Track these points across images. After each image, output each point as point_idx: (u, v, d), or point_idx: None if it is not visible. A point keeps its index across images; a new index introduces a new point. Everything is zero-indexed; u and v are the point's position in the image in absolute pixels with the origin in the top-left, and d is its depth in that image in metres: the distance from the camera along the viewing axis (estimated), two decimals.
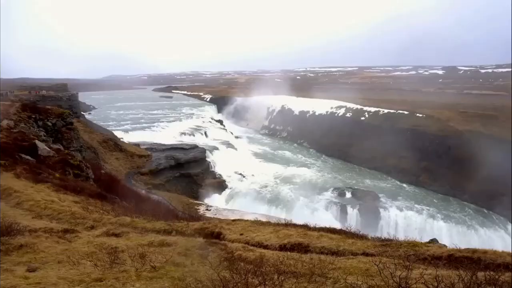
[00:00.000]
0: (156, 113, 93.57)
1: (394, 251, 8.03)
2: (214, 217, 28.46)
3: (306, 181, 52.02)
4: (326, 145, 73.75)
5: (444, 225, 41.28)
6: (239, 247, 8.26)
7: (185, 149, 52.36)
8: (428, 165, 55.39)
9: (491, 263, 7.32)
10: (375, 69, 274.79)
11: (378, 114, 71.83)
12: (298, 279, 5.70)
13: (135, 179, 40.27)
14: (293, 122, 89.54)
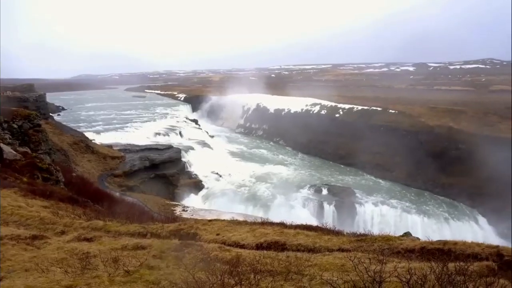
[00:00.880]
0: (129, 113, 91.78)
1: (369, 246, 8.18)
2: (191, 217, 28.17)
3: (283, 179, 52.34)
4: (302, 143, 74.44)
5: (418, 218, 42.43)
6: (215, 247, 8.19)
7: (159, 149, 51.61)
8: (401, 161, 56.79)
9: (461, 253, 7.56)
10: (348, 66, 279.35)
11: (352, 111, 73.08)
12: (274, 278, 5.70)
13: (109, 182, 39.35)
14: (268, 120, 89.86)
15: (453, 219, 42.93)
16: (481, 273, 5.52)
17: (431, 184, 51.35)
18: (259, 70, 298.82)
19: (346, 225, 37.27)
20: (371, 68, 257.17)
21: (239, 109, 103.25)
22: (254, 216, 27.10)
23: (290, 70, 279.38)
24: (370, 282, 4.57)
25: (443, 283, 4.38)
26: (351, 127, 67.51)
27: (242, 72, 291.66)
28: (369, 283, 4.55)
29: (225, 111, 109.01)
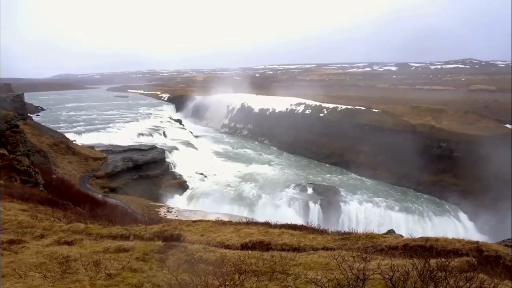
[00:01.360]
0: (111, 114, 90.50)
1: (353, 244, 8.25)
2: (175, 218, 27.96)
3: (268, 179, 52.37)
4: (287, 142, 74.69)
5: (402, 215, 43.04)
6: (199, 248, 8.12)
7: (143, 150, 51.02)
8: (385, 159, 57.52)
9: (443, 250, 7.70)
10: (332, 66, 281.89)
11: (336, 110, 73.67)
12: (259, 278, 5.67)
13: (91, 183, 38.67)
14: (253, 120, 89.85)
15: (436, 216, 43.68)
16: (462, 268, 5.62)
17: (414, 182, 52.15)
18: (243, 69, 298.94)
19: (331, 223, 37.57)
20: (354, 68, 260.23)
21: (224, 109, 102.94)
22: (240, 216, 27.03)
23: (274, 70, 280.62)
24: (354, 280, 4.59)
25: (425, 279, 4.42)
26: (335, 126, 68.08)
27: (226, 71, 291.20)
28: (353, 281, 4.57)
29: (210, 111, 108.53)
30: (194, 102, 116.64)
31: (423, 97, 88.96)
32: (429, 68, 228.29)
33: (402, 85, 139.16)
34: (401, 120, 61.68)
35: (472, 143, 51.05)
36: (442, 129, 55.88)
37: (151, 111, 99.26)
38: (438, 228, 40.31)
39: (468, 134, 52.46)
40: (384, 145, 58.96)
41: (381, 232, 10.61)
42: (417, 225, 41.36)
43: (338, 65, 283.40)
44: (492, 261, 7.54)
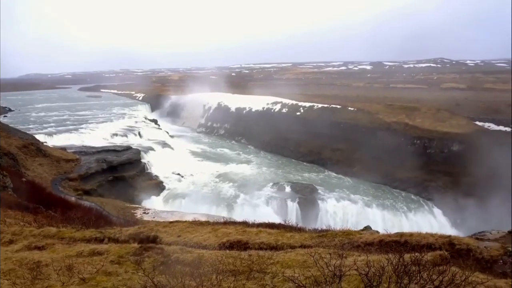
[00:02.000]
0: (83, 114, 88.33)
1: (330, 241, 8.35)
2: (152, 220, 27.60)
3: (246, 178, 52.35)
4: (264, 141, 74.90)
5: (378, 212, 43.86)
6: (176, 249, 8.03)
7: (117, 151, 49.99)
8: (361, 156, 58.53)
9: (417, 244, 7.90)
10: (308, 65, 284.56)
11: (313, 109, 74.42)
12: (236, 277, 5.66)
13: (63, 186, 37.52)
14: (230, 119, 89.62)
15: (411, 212, 44.73)
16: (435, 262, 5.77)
17: (390, 179, 53.18)
18: (219, 68, 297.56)
19: (309, 221, 37.95)
20: (330, 66, 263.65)
21: (200, 108, 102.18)
22: (218, 216, 26.93)
23: (250, 69, 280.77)
24: (330, 277, 4.63)
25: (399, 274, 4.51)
26: (312, 125, 68.75)
27: (202, 70, 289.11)
28: (330, 278, 4.61)
29: (186, 110, 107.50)
30: (170, 102, 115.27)
31: (397, 95, 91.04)
32: (402, 67, 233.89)
33: (377, 83, 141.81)
34: (376, 118, 62.89)
35: (445, 140, 52.78)
36: (416, 126, 57.36)
37: (126, 111, 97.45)
38: (414, 223, 41.34)
39: (441, 131, 54.10)
40: (360, 143, 60.04)
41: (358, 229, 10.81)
42: (394, 221, 42.21)
43: (314, 64, 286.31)
44: (464, 254, 7.79)
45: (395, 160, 54.19)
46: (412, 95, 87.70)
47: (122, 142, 59.81)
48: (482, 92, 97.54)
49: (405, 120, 60.03)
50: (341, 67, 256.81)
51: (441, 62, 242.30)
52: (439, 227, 40.28)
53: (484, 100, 75.06)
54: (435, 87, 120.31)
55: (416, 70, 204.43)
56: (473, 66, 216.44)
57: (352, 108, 69.05)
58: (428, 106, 65.91)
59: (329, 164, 61.42)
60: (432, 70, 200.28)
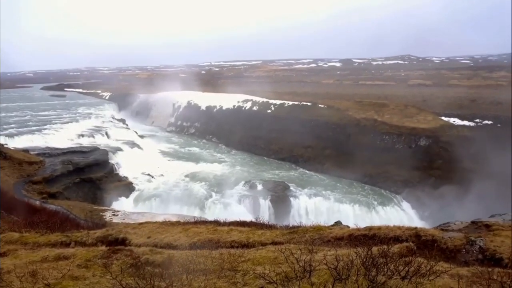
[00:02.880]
0: (47, 114, 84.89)
1: (301, 237, 8.44)
2: (122, 222, 27.00)
3: (217, 177, 52.07)
4: (235, 140, 74.73)
5: (349, 207, 44.59)
6: (146, 251, 7.90)
7: (84, 152, 48.46)
8: (331, 153, 59.46)
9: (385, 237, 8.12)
10: (278, 62, 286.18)
11: (283, 106, 74.88)
12: (207, 276, 5.62)
13: (26, 189, 35.97)
14: (200, 118, 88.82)
15: (381, 206, 45.70)
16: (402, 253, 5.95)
17: (360, 174, 54.04)
18: (188, 66, 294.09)
19: (282, 218, 38.21)
20: (300, 64, 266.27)
21: (169, 107, 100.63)
22: (189, 216, 26.66)
23: (220, 67, 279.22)
24: (301, 272, 4.67)
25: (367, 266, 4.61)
26: (283, 122, 69.20)
27: (171, 68, 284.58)
28: (300, 273, 4.65)
29: (155, 109, 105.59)
30: (138, 101, 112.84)
31: (366, 92, 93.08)
32: (371, 64, 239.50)
33: (346, 80, 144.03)
34: (346, 115, 63.90)
35: (412, 135, 54.49)
36: (385, 122, 58.71)
37: (92, 111, 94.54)
38: (384, 217, 42.22)
39: (408, 127, 55.73)
40: (330, 139, 61.00)
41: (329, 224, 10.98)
42: (364, 215, 42.96)
43: (284, 61, 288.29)
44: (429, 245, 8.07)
45: (365, 156, 55.42)
46: (381, 92, 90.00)
47: (89, 143, 58.01)
48: (447, 88, 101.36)
49: (374, 116, 61.33)
50: (311, 64, 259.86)
51: (408, 59, 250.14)
52: (408, 220, 41.46)
53: (449, 96, 78.29)
54: (403, 84, 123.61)
55: (384, 67, 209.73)
56: (438, 63, 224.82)
57: (322, 105, 69.94)
58: (396, 102, 67.72)
59: (301, 161, 62.07)
60: (400, 67, 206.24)
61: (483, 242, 7.81)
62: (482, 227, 9.34)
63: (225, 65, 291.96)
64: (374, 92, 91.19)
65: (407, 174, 50.96)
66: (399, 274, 4.77)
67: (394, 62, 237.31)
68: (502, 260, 7.14)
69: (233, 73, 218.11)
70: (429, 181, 47.60)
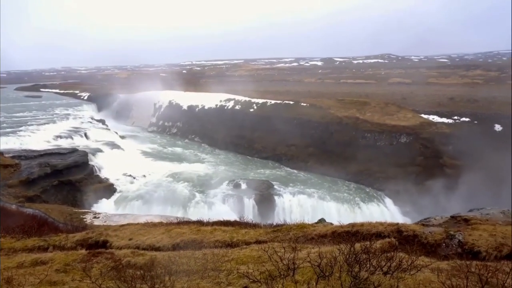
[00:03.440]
0: (22, 116, 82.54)
1: (285, 235, 8.44)
2: (103, 224, 26.52)
3: (201, 177, 51.72)
4: (218, 139, 74.43)
5: (333, 205, 44.93)
6: (127, 253, 7.76)
7: (62, 154, 47.29)
8: (314, 151, 59.86)
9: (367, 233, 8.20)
10: (260, 61, 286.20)
11: (266, 105, 74.93)
12: (190, 277, 5.54)
13: (2, 193, 34.87)
14: (182, 118, 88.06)
15: (364, 203, 46.24)
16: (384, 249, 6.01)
17: (343, 172, 54.50)
18: (169, 66, 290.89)
19: (266, 217, 38.28)
20: (282, 63, 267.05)
21: (151, 107, 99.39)
22: (172, 216, 26.41)
23: (202, 66, 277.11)
24: (285, 270, 4.65)
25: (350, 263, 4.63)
26: (266, 121, 69.26)
27: (151, 68, 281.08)
28: (284, 271, 4.64)
29: (135, 109, 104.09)
30: (118, 101, 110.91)
31: (347, 90, 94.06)
32: (352, 62, 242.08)
33: (328, 79, 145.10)
34: (328, 113, 64.41)
35: (393, 133, 55.43)
36: (366, 120, 59.47)
37: (70, 112, 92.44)
38: (367, 214, 42.60)
39: (389, 124, 56.63)
40: (313, 137, 61.40)
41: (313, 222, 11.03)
42: (347, 212, 43.29)
43: (266, 60, 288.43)
44: (411, 240, 8.21)
45: (347, 153, 56.06)
46: (362, 90, 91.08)
47: (67, 144, 56.63)
48: (426, 86, 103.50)
49: (356, 114, 62.04)
50: (293, 63, 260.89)
51: (388, 58, 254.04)
52: (390, 216, 41.95)
53: (428, 94, 79.93)
54: (383, 82, 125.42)
55: (365, 66, 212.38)
56: (417, 62, 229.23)
57: (304, 104, 70.30)
58: (377, 100, 68.70)
59: (284, 159, 62.30)
60: (380, 65, 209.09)
61: (462, 236, 7.98)
62: (461, 221, 9.56)
63: (207, 64, 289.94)
64: (355, 90, 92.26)
65: (389, 171, 51.77)
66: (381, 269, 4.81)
67: (374, 61, 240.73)
68: (480, 253, 7.32)
69: (215, 72, 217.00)
70: (410, 178, 48.49)
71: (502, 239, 7.60)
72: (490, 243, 7.48)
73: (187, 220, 11.98)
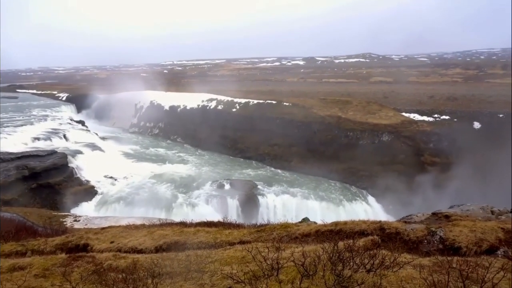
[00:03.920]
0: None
1: (269, 235, 8.43)
2: (84, 227, 26.04)
3: (183, 178, 51.33)
4: (200, 139, 73.97)
5: (317, 203, 45.16)
6: (109, 256, 7.61)
7: (41, 156, 46.15)
8: (298, 150, 60.10)
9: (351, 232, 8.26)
10: (242, 61, 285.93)
11: (248, 105, 74.85)
12: (173, 279, 5.48)
13: None
14: (164, 118, 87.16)
15: (348, 201, 46.66)
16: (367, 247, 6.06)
17: (326, 171, 54.90)
18: (150, 66, 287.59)
19: (250, 217, 38.25)
20: (264, 62, 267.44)
21: (131, 108, 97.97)
22: (155, 218, 26.11)
23: (183, 66, 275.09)
24: (269, 270, 4.64)
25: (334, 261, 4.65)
26: (248, 121, 69.20)
27: (131, 68, 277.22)
28: (268, 271, 4.62)
29: (116, 110, 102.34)
30: (98, 101, 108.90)
31: (330, 89, 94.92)
32: (333, 62, 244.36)
33: (310, 78, 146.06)
34: (311, 112, 64.73)
35: (375, 131, 56.22)
36: (349, 119, 60.10)
37: (48, 113, 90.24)
38: (350, 212, 42.92)
39: (371, 123, 57.40)
40: (296, 137, 61.65)
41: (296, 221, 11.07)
42: (331, 211, 43.40)
43: (248, 60, 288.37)
44: (393, 237, 8.31)
45: (330, 152, 56.57)
46: (344, 89, 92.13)
47: (46, 146, 55.22)
48: (407, 85, 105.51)
49: (338, 113, 62.58)
50: (275, 62, 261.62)
51: (369, 57, 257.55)
52: (373, 214, 42.53)
53: (408, 92, 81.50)
54: (365, 81, 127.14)
55: (346, 65, 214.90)
56: (397, 61, 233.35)
57: (287, 103, 70.49)
58: (359, 99, 69.55)
59: (268, 159, 62.38)
60: (361, 64, 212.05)
61: (443, 233, 8.13)
62: (442, 218, 9.76)
63: (188, 64, 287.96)
64: (338, 89, 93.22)
65: (371, 169, 52.49)
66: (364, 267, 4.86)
67: (356, 60, 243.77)
68: (461, 249, 7.47)
69: (196, 72, 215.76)
70: (393, 175, 49.28)
71: (481, 235, 7.78)
72: (470, 238, 7.64)
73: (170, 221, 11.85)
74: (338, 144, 57.52)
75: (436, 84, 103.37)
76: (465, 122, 54.30)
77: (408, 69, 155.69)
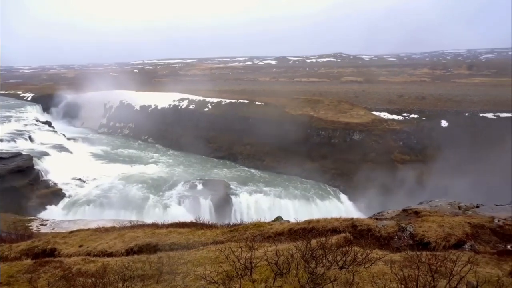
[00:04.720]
0: None
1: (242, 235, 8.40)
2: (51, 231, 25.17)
3: (155, 178, 50.50)
4: (172, 139, 73.04)
5: (290, 202, 45.52)
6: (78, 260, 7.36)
7: (4, 158, 44.15)
8: (270, 150, 60.34)
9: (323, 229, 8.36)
10: (213, 60, 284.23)
11: (220, 104, 74.48)
12: (145, 282, 5.36)
13: None
14: (135, 118, 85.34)
15: (320, 199, 47.24)
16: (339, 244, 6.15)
17: (299, 169, 55.40)
18: (120, 65, 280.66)
19: (224, 217, 38.07)
20: (236, 62, 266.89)
21: (101, 108, 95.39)
22: (126, 220, 25.57)
23: (154, 65, 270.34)
24: (242, 270, 4.62)
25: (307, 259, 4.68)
26: (221, 120, 68.91)
27: (100, 67, 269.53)
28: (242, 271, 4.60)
29: (84, 110, 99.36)
30: (66, 101, 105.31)
31: (302, 88, 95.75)
32: (305, 61, 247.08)
33: (282, 78, 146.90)
34: (283, 112, 65.08)
35: (347, 130, 57.18)
36: (320, 118, 60.79)
37: (12, 114, 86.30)
38: (323, 210, 43.36)
39: (343, 122, 58.31)
40: (269, 136, 61.74)
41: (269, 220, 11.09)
42: (304, 209, 43.82)
43: (219, 59, 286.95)
44: (365, 234, 8.47)
45: (302, 151, 57.09)
46: (316, 89, 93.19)
47: (10, 148, 52.94)
48: (377, 84, 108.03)
49: (310, 112, 63.17)
50: (247, 62, 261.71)
51: (340, 57, 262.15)
52: (346, 211, 43.15)
53: (379, 92, 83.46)
54: (336, 81, 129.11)
55: (318, 65, 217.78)
56: (368, 61, 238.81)
57: (259, 103, 70.60)
58: (330, 98, 70.51)
59: (240, 158, 62.30)
60: (333, 64, 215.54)
61: (413, 228, 8.37)
62: (412, 214, 10.05)
63: (159, 63, 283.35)
64: (309, 89, 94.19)
65: (343, 167, 53.41)
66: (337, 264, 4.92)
67: (327, 59, 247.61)
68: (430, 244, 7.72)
69: (167, 71, 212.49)
70: (364, 173, 50.33)
71: (449, 230, 8.07)
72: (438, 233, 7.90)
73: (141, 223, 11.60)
74: (311, 143, 58.16)
75: (405, 84, 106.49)
76: (433, 121, 56.15)
77: (378, 69, 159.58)
